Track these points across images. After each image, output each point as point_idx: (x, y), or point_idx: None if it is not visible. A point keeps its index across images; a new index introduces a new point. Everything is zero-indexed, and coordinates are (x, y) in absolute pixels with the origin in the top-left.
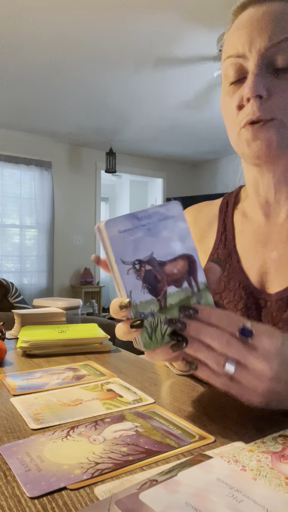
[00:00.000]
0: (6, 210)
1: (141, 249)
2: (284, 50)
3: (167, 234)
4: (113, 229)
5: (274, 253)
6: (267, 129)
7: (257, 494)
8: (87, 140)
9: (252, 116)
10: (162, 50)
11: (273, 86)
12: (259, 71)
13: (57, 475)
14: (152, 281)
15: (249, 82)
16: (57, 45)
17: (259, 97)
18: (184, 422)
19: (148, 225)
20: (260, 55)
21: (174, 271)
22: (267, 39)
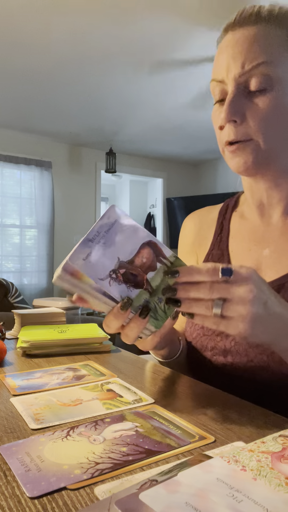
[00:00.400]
0: (6, 210)
1: (107, 261)
2: (256, 75)
3: (121, 237)
4: (78, 261)
5: (266, 250)
6: (243, 150)
7: (257, 494)
8: (87, 140)
9: (228, 138)
10: (162, 50)
11: (247, 109)
12: (233, 97)
13: (57, 475)
14: (131, 279)
15: (225, 109)
16: (57, 45)
17: (234, 122)
18: (184, 422)
19: (101, 240)
20: (235, 81)
21: (143, 261)
22: (240, 66)
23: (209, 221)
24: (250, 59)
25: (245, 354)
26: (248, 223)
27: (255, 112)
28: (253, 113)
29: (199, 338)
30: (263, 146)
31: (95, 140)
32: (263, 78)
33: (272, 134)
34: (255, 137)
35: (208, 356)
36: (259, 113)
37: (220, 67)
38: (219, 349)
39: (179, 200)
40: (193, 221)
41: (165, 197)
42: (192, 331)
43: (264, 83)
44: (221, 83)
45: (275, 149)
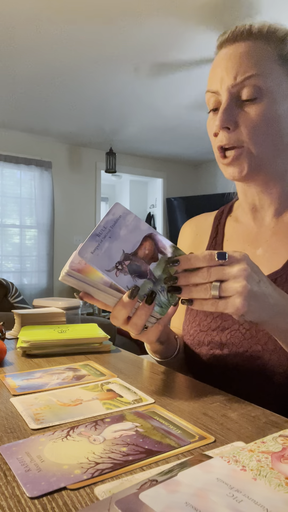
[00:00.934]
0: (6, 210)
1: (113, 254)
2: (247, 86)
3: (125, 231)
4: (87, 254)
5: (259, 250)
6: (238, 159)
7: (257, 494)
8: (87, 140)
9: (221, 143)
10: (162, 51)
11: (239, 117)
12: (227, 105)
13: (57, 475)
14: (136, 269)
15: (219, 117)
16: (57, 46)
17: (227, 129)
18: (184, 422)
19: (107, 234)
20: (228, 92)
21: (146, 252)
22: (232, 78)
23: (205, 226)
24: (242, 71)
25: (241, 346)
26: (242, 226)
27: (246, 120)
28: (245, 120)
29: (196, 335)
30: (255, 152)
31: (95, 140)
32: (253, 89)
33: (262, 141)
34: (246, 143)
35: (205, 350)
36: (250, 120)
37: (214, 79)
38: (216, 343)
39: (179, 200)
40: (190, 227)
41: (165, 197)
42: (189, 329)
43: (255, 93)
44: (215, 94)
45: (266, 155)
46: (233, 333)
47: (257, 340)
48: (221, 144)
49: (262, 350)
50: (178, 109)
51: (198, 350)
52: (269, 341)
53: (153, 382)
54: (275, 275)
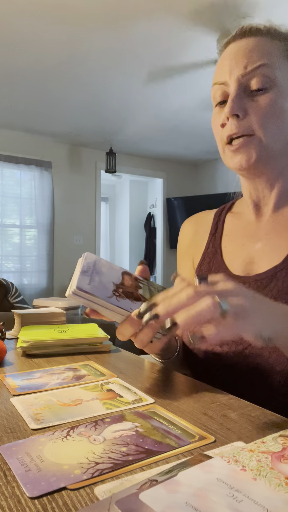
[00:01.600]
0: (6, 210)
1: (106, 284)
2: (257, 75)
3: (105, 269)
4: (85, 286)
5: (258, 244)
6: (247, 146)
7: (257, 494)
8: (87, 140)
9: (231, 132)
10: (162, 51)
11: (249, 106)
12: (237, 94)
13: (57, 475)
14: (130, 295)
15: (229, 104)
16: (57, 46)
17: (237, 116)
18: (184, 422)
19: (93, 272)
20: (238, 81)
21: (130, 283)
22: (242, 67)
23: (205, 223)
24: (252, 61)
25: (240, 343)
26: (242, 221)
27: (256, 109)
28: (255, 109)
29: None
30: (265, 141)
31: (95, 140)
32: (263, 78)
33: (272, 131)
34: (257, 131)
35: (205, 348)
36: (260, 109)
37: (222, 71)
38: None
39: (179, 200)
40: (190, 224)
41: (165, 197)
42: None
43: (265, 83)
44: (223, 85)
45: (275, 147)
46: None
47: None
48: (230, 133)
49: (261, 348)
50: (178, 109)
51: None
52: None
53: (153, 382)
54: (274, 270)
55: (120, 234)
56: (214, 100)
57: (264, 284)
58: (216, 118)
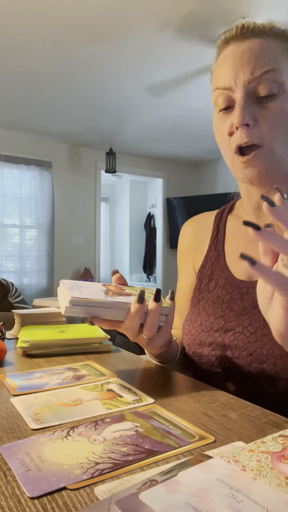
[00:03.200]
0: (6, 210)
1: (96, 292)
2: (265, 81)
3: (87, 285)
4: (79, 294)
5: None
6: (257, 158)
7: (257, 494)
8: (87, 140)
9: (241, 141)
10: (161, 48)
11: (258, 114)
12: (245, 101)
13: (57, 475)
14: (120, 294)
15: (237, 113)
16: (57, 45)
17: (247, 125)
18: (184, 422)
19: (78, 287)
20: (245, 88)
21: (114, 287)
22: (249, 73)
23: (206, 225)
24: (259, 66)
25: (245, 348)
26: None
27: (266, 117)
28: (264, 117)
29: (198, 335)
30: (275, 151)
31: (95, 140)
32: (271, 84)
33: (282, 138)
34: (267, 141)
35: (207, 351)
36: (270, 117)
37: (226, 75)
38: (218, 344)
39: (179, 200)
40: (190, 226)
41: (165, 197)
42: (190, 328)
43: (273, 89)
44: (227, 91)
45: (284, 155)
46: (237, 335)
47: (262, 344)
48: (240, 143)
49: (267, 354)
50: (178, 109)
51: (199, 351)
52: (275, 346)
53: (153, 382)
54: None
55: (120, 234)
56: (216, 105)
57: None
58: (220, 125)
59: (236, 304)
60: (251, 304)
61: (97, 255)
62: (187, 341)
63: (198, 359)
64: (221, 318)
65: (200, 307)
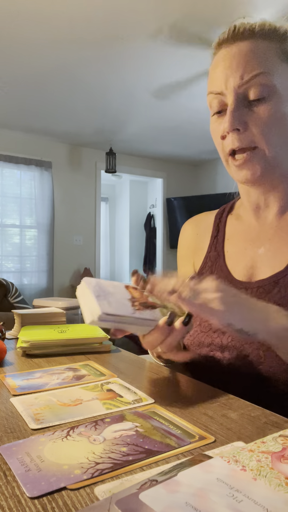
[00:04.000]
0: (6, 210)
1: (123, 302)
2: (255, 85)
3: (111, 288)
4: (109, 309)
5: (261, 249)
6: (251, 161)
7: (257, 494)
8: (87, 140)
9: (232, 146)
10: (160, 48)
11: (249, 118)
12: (235, 106)
13: (57, 475)
14: (145, 303)
15: (227, 118)
16: (56, 45)
17: (237, 130)
18: (184, 422)
19: (103, 294)
20: (235, 92)
21: (138, 293)
22: (239, 77)
23: (206, 225)
24: (248, 70)
25: (242, 349)
26: (244, 224)
27: (256, 120)
28: (255, 121)
29: (197, 335)
30: (268, 153)
31: (95, 140)
32: (261, 88)
33: (275, 141)
34: (259, 144)
35: (205, 352)
36: (260, 120)
37: (217, 80)
38: (216, 345)
39: (179, 200)
40: (190, 226)
41: (165, 197)
42: None
43: (263, 92)
44: (219, 95)
45: (280, 155)
46: (235, 337)
47: (259, 345)
48: (232, 147)
49: (264, 356)
50: (178, 109)
51: (198, 351)
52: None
53: (153, 382)
54: (277, 276)
55: (120, 234)
56: (211, 109)
57: (267, 290)
58: (215, 128)
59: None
60: None
61: (97, 255)
62: (186, 342)
63: (197, 359)
64: None
65: None
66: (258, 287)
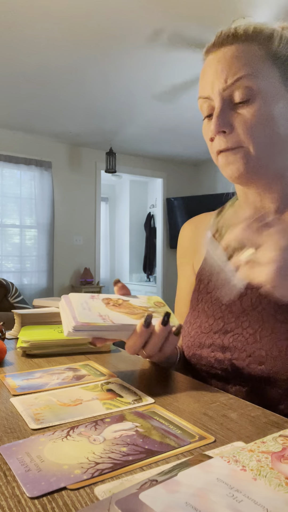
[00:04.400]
0: (6, 210)
1: (98, 308)
2: (239, 88)
3: (91, 300)
4: (83, 318)
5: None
6: (234, 156)
7: (257, 494)
8: (87, 140)
9: (219, 147)
10: (161, 48)
11: (234, 120)
12: (220, 110)
13: (57, 475)
14: (121, 305)
15: (213, 121)
16: (56, 45)
17: (223, 132)
18: (184, 422)
19: (83, 303)
20: (220, 96)
21: (115, 299)
22: (223, 81)
23: (205, 226)
24: (232, 74)
25: (244, 350)
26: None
27: (242, 122)
28: (240, 122)
29: (197, 336)
30: (253, 153)
31: (95, 140)
32: (245, 90)
33: (260, 141)
34: (245, 144)
35: (206, 353)
36: (245, 122)
37: (205, 85)
38: (217, 345)
39: (179, 200)
40: (190, 227)
41: (165, 197)
42: (190, 330)
43: (247, 94)
44: (208, 100)
45: (264, 155)
46: (236, 337)
47: (261, 345)
48: (219, 149)
49: (266, 355)
50: (178, 109)
51: (198, 352)
52: (274, 347)
53: (153, 382)
54: None
55: (120, 234)
56: (202, 112)
57: None
58: (206, 131)
59: (235, 305)
60: (249, 306)
61: (97, 255)
62: (186, 343)
63: (198, 360)
64: (220, 320)
65: (199, 308)
66: (258, 288)
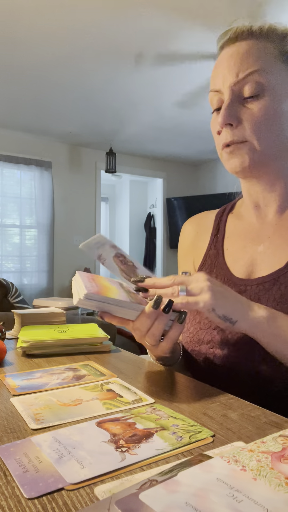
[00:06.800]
0: (6, 210)
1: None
2: (249, 83)
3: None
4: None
5: (260, 247)
6: (239, 150)
7: (257, 494)
8: (87, 140)
9: (225, 140)
10: (160, 48)
11: (242, 114)
12: (229, 102)
13: (55, 476)
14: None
15: (221, 113)
16: (56, 44)
17: (230, 125)
18: None
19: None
20: (230, 89)
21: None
22: (234, 75)
23: (206, 224)
24: (243, 68)
25: (243, 347)
26: (244, 223)
27: (249, 116)
28: (248, 116)
29: (196, 333)
30: (258, 148)
31: (95, 140)
32: (255, 85)
33: (266, 137)
34: (250, 138)
35: (205, 349)
36: (253, 116)
37: (216, 78)
38: (216, 342)
39: (179, 200)
40: (191, 225)
41: (165, 197)
42: (189, 326)
43: (257, 89)
44: (218, 93)
45: (270, 151)
46: (235, 334)
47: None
48: (225, 142)
49: (264, 352)
50: (178, 109)
51: (197, 348)
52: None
53: (153, 382)
54: (277, 274)
55: (120, 234)
56: (211, 106)
57: (266, 287)
58: (214, 124)
59: None
60: None
61: None
62: (185, 339)
63: (197, 357)
64: None
65: None
66: (257, 284)
